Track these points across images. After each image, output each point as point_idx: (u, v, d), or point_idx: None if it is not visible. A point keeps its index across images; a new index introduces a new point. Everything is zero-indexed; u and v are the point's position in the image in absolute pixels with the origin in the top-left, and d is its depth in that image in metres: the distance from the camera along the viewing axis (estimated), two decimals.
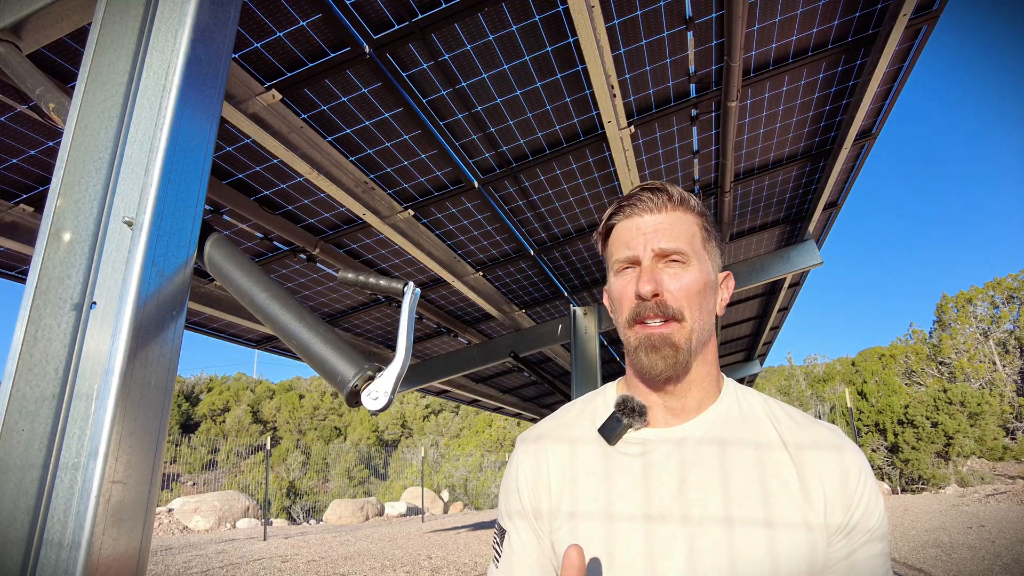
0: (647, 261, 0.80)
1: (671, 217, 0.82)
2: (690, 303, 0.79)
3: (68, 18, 0.97)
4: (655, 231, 0.81)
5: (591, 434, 0.85)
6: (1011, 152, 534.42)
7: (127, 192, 0.70)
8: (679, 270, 0.80)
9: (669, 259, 0.80)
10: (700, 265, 0.81)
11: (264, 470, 20.22)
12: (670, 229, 0.81)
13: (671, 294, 0.78)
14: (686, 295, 0.79)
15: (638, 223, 0.83)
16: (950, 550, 8.04)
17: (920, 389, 22.99)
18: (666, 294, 0.78)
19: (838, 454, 0.77)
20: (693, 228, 0.83)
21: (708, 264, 0.83)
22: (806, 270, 4.78)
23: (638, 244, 0.81)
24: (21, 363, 0.66)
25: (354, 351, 0.71)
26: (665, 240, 0.80)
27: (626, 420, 0.82)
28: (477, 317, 4.99)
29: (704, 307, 0.80)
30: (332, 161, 2.60)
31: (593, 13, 1.86)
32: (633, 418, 0.82)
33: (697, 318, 0.79)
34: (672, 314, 0.78)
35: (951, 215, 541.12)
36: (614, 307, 0.85)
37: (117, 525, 0.61)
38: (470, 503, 25.71)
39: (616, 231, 0.85)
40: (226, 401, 33.27)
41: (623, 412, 0.83)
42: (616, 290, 0.83)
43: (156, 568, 9.44)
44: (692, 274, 0.80)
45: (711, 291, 0.82)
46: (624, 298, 0.81)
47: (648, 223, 0.82)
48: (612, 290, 0.85)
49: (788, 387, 26.82)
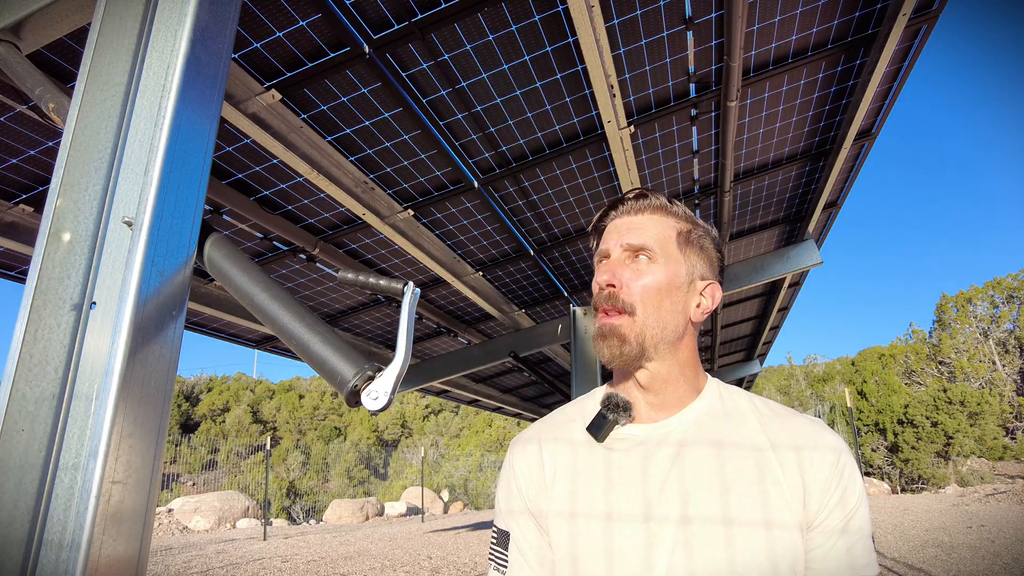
0: (615, 255, 0.85)
1: (648, 217, 0.87)
2: (644, 299, 0.81)
3: (68, 18, 0.97)
4: (628, 228, 0.86)
5: (583, 435, 0.87)
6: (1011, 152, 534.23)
7: (127, 192, 0.70)
8: (643, 266, 0.83)
9: (637, 255, 0.84)
10: (667, 265, 0.83)
11: (264, 470, 20.22)
12: (641, 227, 0.85)
13: (627, 288, 0.81)
14: (642, 291, 0.81)
15: (618, 223, 0.88)
16: (950, 550, 8.04)
17: (920, 389, 22.99)
18: (623, 288, 0.81)
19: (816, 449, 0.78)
20: (668, 230, 0.86)
21: (681, 267, 0.84)
22: (806, 270, 4.78)
23: (612, 240, 0.86)
24: (21, 363, 0.66)
25: (354, 351, 0.71)
26: (634, 236, 0.84)
27: (611, 416, 0.83)
28: (477, 317, 4.99)
29: (664, 306, 0.82)
30: (332, 161, 2.60)
31: (593, 13, 1.86)
32: (618, 413, 0.83)
33: (652, 315, 0.81)
34: (623, 307, 0.81)
35: (951, 215, 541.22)
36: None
37: (117, 525, 0.61)
38: (470, 503, 25.71)
39: (603, 231, 0.91)
40: (226, 401, 33.26)
41: (608, 408, 0.85)
42: (593, 282, 0.88)
43: (156, 568, 9.44)
44: (655, 272, 0.82)
45: (677, 292, 0.83)
46: (594, 287, 0.86)
47: (625, 222, 0.87)
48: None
49: (788, 387, 26.81)
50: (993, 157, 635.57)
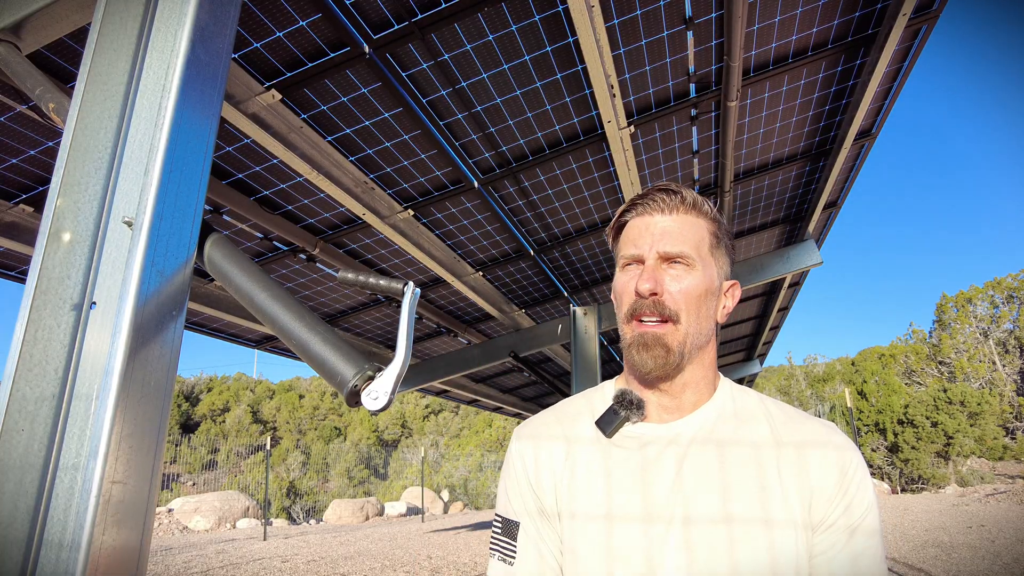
0: (651, 260, 0.81)
1: (681, 220, 0.83)
2: (688, 306, 0.79)
3: (68, 18, 0.97)
4: (663, 232, 0.82)
5: (590, 430, 0.85)
6: (1011, 151, 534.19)
7: (127, 192, 0.70)
8: (682, 272, 0.80)
9: (673, 261, 0.81)
10: (704, 270, 0.81)
11: (264, 470, 20.22)
12: (678, 232, 0.81)
13: (670, 295, 0.79)
14: (685, 298, 0.79)
15: (648, 222, 0.83)
16: (950, 550, 8.04)
17: (920, 389, 22.99)
18: (665, 295, 0.79)
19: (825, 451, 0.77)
20: (702, 232, 0.83)
21: (713, 270, 0.83)
22: (806, 270, 4.78)
23: (645, 243, 0.82)
24: (21, 363, 0.66)
25: (354, 351, 0.71)
26: (671, 243, 0.81)
27: (623, 413, 0.82)
28: (477, 317, 4.99)
29: (702, 312, 0.81)
30: (332, 161, 2.60)
31: (593, 13, 1.86)
32: (631, 411, 0.82)
33: (693, 322, 0.79)
34: (668, 315, 0.79)
35: (951, 215, 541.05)
36: (616, 302, 0.86)
37: (117, 525, 0.61)
38: (470, 503, 25.71)
39: (627, 228, 0.86)
40: (226, 401, 33.26)
41: (621, 404, 0.83)
42: (619, 285, 0.84)
43: (156, 568, 9.44)
44: (694, 278, 0.80)
45: (712, 297, 0.83)
46: (625, 293, 0.82)
47: (658, 223, 0.83)
48: (616, 284, 0.86)
49: (788, 387, 26.81)
50: (993, 157, 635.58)
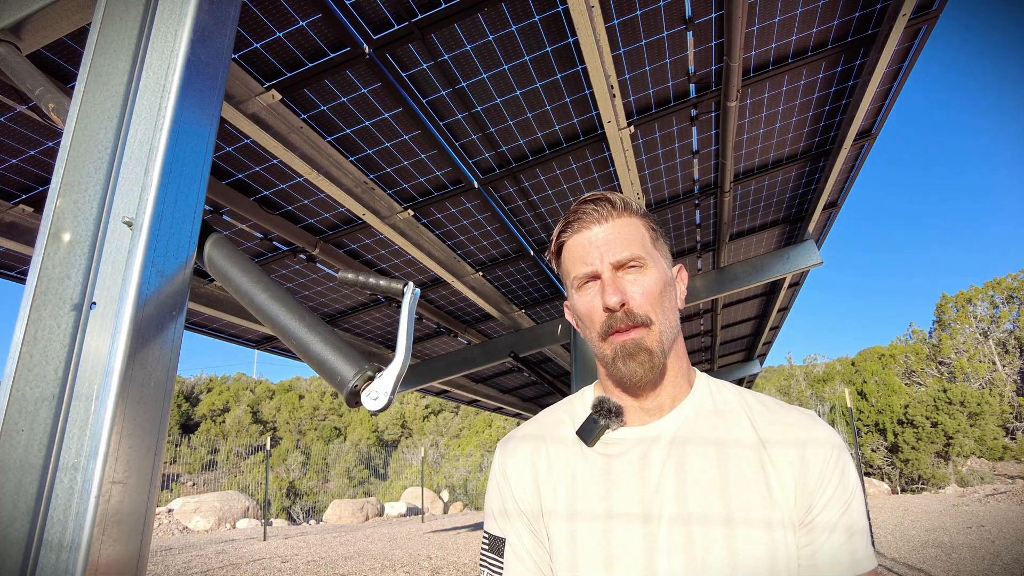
0: (607, 273, 0.81)
1: (619, 224, 0.83)
2: (654, 306, 0.80)
3: (68, 18, 0.97)
4: (607, 242, 0.82)
5: (572, 439, 0.86)
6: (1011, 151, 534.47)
7: (127, 192, 0.70)
8: (637, 275, 0.81)
9: (627, 267, 0.81)
10: (655, 266, 0.83)
11: (264, 470, 20.22)
12: (621, 237, 0.82)
13: (635, 301, 0.80)
14: (649, 299, 0.80)
15: (589, 237, 0.83)
16: (950, 550, 8.04)
17: (920, 389, 23.00)
18: (631, 302, 0.80)
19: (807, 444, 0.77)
20: (641, 231, 0.84)
21: (662, 263, 0.85)
22: (806, 270, 4.78)
23: (594, 258, 0.82)
24: (21, 363, 0.66)
25: (354, 351, 0.71)
26: (619, 250, 0.81)
27: (603, 421, 0.83)
28: (477, 317, 4.99)
29: (667, 306, 0.82)
30: (332, 161, 2.60)
31: (593, 13, 1.86)
32: (610, 419, 0.83)
33: (663, 319, 0.81)
34: (641, 320, 0.79)
35: (951, 215, 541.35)
36: (582, 323, 0.85)
37: (117, 526, 0.61)
38: (470, 503, 25.71)
39: (568, 248, 0.86)
40: (226, 401, 33.25)
41: (600, 413, 0.84)
42: (583, 306, 0.83)
43: (156, 568, 9.44)
44: (650, 277, 0.81)
45: (670, 288, 0.84)
46: (593, 312, 0.82)
47: (599, 235, 0.83)
48: (577, 307, 0.84)
49: (788, 387, 26.81)
50: (993, 157, 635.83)
